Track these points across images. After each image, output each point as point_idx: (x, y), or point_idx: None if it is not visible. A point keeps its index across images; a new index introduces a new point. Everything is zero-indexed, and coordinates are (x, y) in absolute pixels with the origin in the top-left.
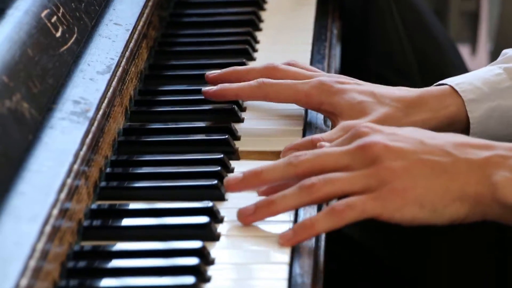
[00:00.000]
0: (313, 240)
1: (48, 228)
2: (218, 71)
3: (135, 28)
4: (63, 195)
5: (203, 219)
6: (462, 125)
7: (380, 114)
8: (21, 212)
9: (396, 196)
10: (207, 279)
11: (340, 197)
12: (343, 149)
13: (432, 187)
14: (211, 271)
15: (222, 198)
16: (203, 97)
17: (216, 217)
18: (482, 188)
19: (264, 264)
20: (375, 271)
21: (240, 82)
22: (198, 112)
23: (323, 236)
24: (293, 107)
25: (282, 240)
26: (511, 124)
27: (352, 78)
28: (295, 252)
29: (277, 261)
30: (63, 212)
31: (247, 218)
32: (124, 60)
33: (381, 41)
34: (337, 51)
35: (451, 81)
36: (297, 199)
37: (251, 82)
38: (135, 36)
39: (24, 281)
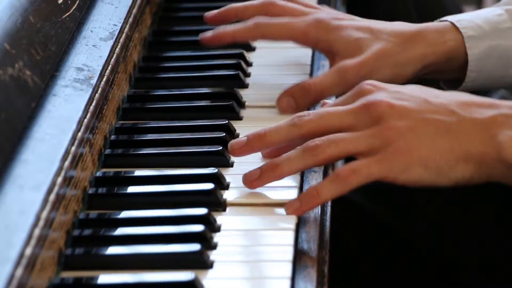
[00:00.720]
0: (319, 206)
1: (52, 197)
2: (216, 10)
3: None
4: (67, 163)
5: (208, 186)
6: (460, 62)
7: (377, 50)
8: (24, 180)
9: (400, 156)
10: (213, 246)
11: (346, 158)
12: (347, 108)
13: (437, 147)
14: (217, 238)
15: (227, 165)
16: (207, 63)
17: (221, 184)
18: (486, 148)
19: (270, 230)
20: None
21: (237, 18)
22: (203, 78)
23: (329, 202)
24: (298, 72)
25: (289, 210)
26: (509, 65)
27: (349, 15)
28: (301, 218)
29: (283, 228)
30: (68, 180)
31: (253, 182)
32: (127, 26)
33: (385, 2)
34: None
35: (452, 17)
36: (302, 162)
37: (247, 23)
38: (138, 1)
39: (29, 250)
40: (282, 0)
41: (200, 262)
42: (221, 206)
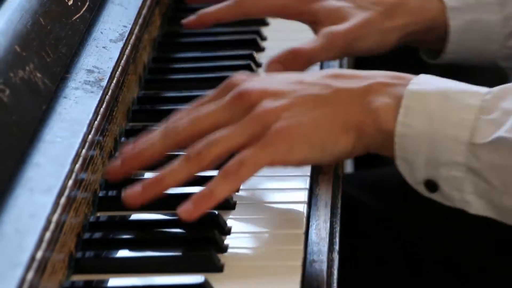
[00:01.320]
0: (329, 207)
1: (63, 200)
2: None
3: None
4: (78, 166)
5: None
6: (440, 33)
7: (360, 19)
8: (35, 183)
9: (282, 137)
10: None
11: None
12: (219, 105)
13: (317, 122)
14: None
15: None
16: (217, 64)
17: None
18: (364, 117)
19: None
20: (383, 234)
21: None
22: (213, 79)
23: (339, 206)
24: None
25: (183, 214)
26: (489, 39)
27: None
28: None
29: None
30: (78, 183)
31: (136, 200)
32: (137, 27)
33: None
34: None
35: None
36: (187, 170)
37: (228, 2)
38: (148, 2)
39: (39, 253)
40: None
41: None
42: (232, 208)
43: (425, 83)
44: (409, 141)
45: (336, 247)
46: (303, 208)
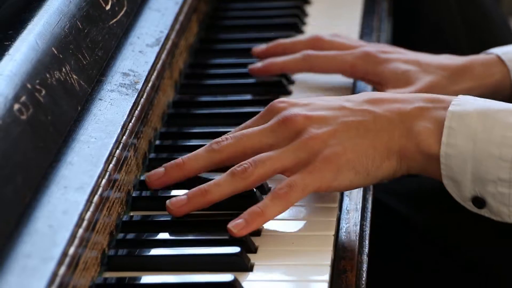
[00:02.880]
0: (359, 211)
1: (96, 198)
2: (264, 45)
3: (185, 1)
4: (111, 166)
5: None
6: (506, 94)
7: (426, 83)
8: (69, 181)
9: (329, 164)
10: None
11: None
12: (264, 127)
13: (361, 149)
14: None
15: None
16: None
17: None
18: (405, 141)
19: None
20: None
21: (285, 54)
22: (247, 85)
23: (369, 208)
24: (341, 79)
25: (235, 229)
26: None
27: (396, 47)
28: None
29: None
30: (112, 183)
31: (180, 208)
32: (174, 33)
33: (431, 15)
34: (386, 25)
35: (498, 50)
36: (231, 186)
37: (296, 55)
38: (185, 9)
39: (72, 249)
40: (329, 36)
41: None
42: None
43: (466, 103)
44: (454, 161)
45: (366, 250)
46: (334, 211)
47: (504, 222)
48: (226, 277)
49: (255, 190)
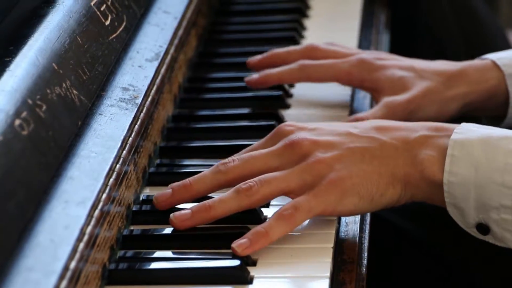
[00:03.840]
0: (358, 223)
1: (97, 212)
2: (259, 56)
3: (183, 16)
4: (111, 180)
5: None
6: (501, 100)
7: (422, 88)
8: (70, 196)
9: (334, 187)
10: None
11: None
12: (270, 150)
13: (366, 174)
14: None
15: None
16: None
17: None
18: (410, 169)
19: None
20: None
21: (281, 64)
22: (246, 98)
23: (368, 221)
24: (339, 93)
25: (239, 249)
26: None
27: (392, 54)
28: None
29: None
30: (112, 197)
31: (183, 222)
32: (173, 47)
33: (429, 29)
34: (384, 38)
35: (493, 55)
36: (236, 203)
37: (292, 66)
38: (184, 24)
39: (73, 264)
40: (324, 44)
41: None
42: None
43: (468, 131)
44: (457, 188)
45: (364, 262)
46: (332, 223)
47: (509, 248)
48: None
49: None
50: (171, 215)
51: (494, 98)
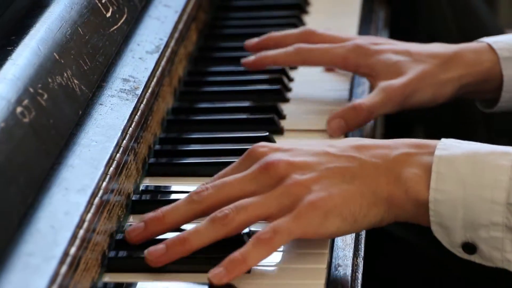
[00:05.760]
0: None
1: (96, 200)
2: (256, 38)
3: (184, 10)
4: (111, 169)
5: None
6: (496, 83)
7: (417, 72)
8: (70, 183)
9: (315, 209)
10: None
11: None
12: (245, 175)
13: (348, 195)
14: None
15: None
16: (250, 78)
17: None
18: (393, 189)
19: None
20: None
21: (277, 47)
22: (246, 92)
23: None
24: (338, 89)
25: (215, 279)
26: None
27: (388, 39)
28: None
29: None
30: (112, 186)
31: (159, 259)
32: (173, 41)
33: (427, 24)
34: (383, 36)
35: (489, 39)
36: (212, 233)
37: (289, 48)
38: (184, 18)
39: (73, 250)
40: (321, 30)
41: None
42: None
43: (451, 147)
44: (444, 206)
45: (361, 253)
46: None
47: (496, 267)
48: None
49: None
50: (145, 251)
51: (488, 81)
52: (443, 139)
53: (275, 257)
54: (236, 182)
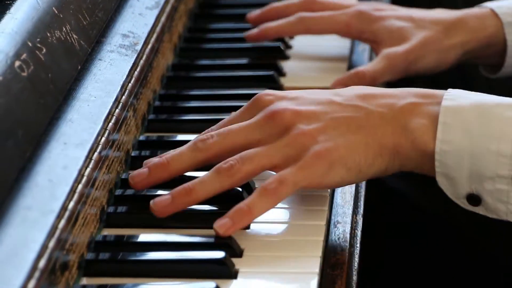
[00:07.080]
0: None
1: (95, 155)
2: (258, 10)
3: None
4: (110, 125)
5: None
6: (499, 48)
7: (421, 38)
8: (69, 138)
9: (320, 159)
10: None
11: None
12: (250, 123)
13: (353, 145)
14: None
15: None
16: None
17: None
18: (400, 139)
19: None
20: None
21: (280, 18)
22: (246, 49)
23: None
24: (338, 46)
25: (221, 230)
26: None
27: (390, 5)
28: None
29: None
30: (111, 141)
31: (164, 209)
32: None
33: None
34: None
35: (492, 4)
36: (218, 184)
37: (291, 18)
38: None
39: (71, 204)
40: None
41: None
42: None
43: (459, 97)
44: (450, 157)
45: (361, 210)
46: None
47: (500, 219)
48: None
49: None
50: (151, 202)
51: (492, 47)
52: (450, 89)
53: (275, 214)
54: (241, 130)
